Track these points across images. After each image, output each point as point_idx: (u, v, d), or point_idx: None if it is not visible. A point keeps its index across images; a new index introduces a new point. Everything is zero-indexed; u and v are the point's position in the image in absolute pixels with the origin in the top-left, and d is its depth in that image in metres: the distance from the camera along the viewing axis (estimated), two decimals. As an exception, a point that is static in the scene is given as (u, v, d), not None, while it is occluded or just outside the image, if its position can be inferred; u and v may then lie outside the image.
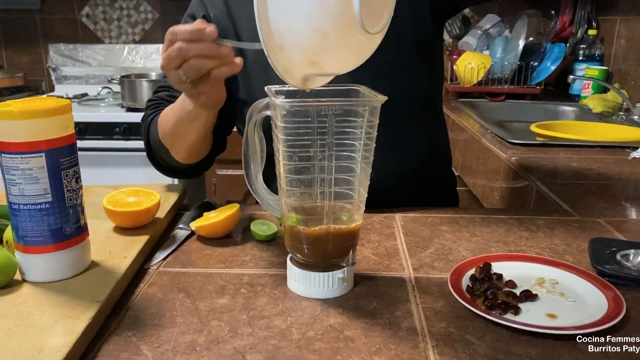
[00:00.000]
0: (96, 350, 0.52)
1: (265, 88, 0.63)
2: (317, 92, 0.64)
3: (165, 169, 1.00)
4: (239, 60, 0.68)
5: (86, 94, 2.58)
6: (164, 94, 0.99)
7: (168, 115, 0.89)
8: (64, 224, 0.60)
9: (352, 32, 0.55)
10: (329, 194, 0.61)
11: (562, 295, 0.62)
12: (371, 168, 0.62)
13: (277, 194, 0.66)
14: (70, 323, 0.52)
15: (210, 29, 0.65)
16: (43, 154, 0.57)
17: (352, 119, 0.59)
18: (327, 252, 0.63)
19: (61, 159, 0.59)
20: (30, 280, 0.61)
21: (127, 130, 2.24)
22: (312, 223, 0.62)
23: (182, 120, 0.85)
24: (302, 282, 0.63)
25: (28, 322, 0.53)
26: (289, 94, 0.63)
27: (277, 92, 0.62)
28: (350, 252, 0.64)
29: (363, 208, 0.63)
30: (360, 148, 0.60)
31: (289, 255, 0.65)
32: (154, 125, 0.93)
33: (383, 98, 0.59)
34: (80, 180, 0.62)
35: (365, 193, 0.63)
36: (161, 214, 0.80)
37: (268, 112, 0.63)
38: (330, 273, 0.62)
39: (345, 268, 0.63)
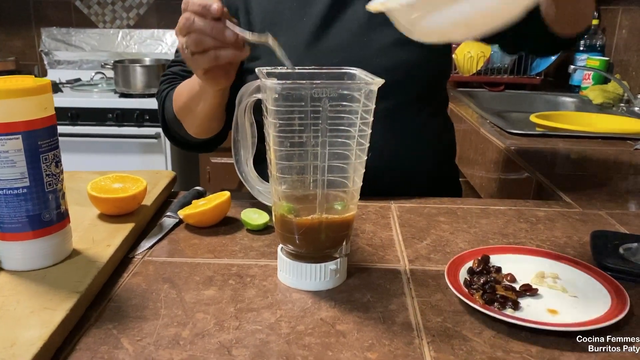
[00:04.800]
0: (74, 343, 0.50)
1: (256, 69, 0.60)
2: (310, 74, 0.61)
3: (182, 144, 1.02)
4: (245, 49, 0.68)
5: (79, 79, 2.55)
6: (177, 69, 0.99)
7: (182, 89, 0.91)
8: (43, 210, 0.57)
9: None
10: (322, 182, 0.58)
11: (563, 290, 0.60)
12: (367, 155, 0.59)
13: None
14: (47, 314, 0.50)
15: (215, 7, 0.64)
16: (20, 136, 0.54)
17: (347, 103, 0.56)
18: (319, 243, 0.60)
19: (40, 142, 0.56)
20: (7, 268, 0.58)
21: (120, 117, 2.20)
22: (304, 212, 0.59)
23: (192, 95, 0.86)
24: (292, 273, 0.60)
25: (1, 313, 0.50)
26: (281, 76, 0.60)
27: (269, 74, 0.59)
28: (344, 243, 0.61)
29: (357, 197, 0.61)
30: (356, 134, 0.57)
31: (280, 246, 0.63)
32: (169, 100, 0.95)
33: (380, 81, 0.56)
34: (61, 165, 0.59)
35: (360, 181, 0.60)
36: (148, 201, 0.77)
37: (259, 95, 0.60)
38: (323, 264, 0.59)
39: (338, 259, 0.60)
